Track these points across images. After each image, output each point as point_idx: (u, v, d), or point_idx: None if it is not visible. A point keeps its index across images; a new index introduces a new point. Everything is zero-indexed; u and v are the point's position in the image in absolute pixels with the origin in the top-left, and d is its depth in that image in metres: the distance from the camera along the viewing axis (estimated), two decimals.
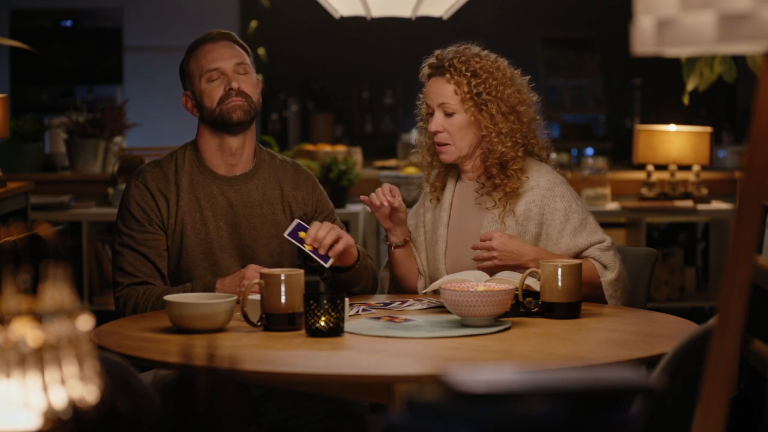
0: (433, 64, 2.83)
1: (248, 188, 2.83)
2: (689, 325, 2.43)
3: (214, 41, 2.84)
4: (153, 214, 2.78)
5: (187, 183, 2.81)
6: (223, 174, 2.83)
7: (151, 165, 2.84)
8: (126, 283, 2.73)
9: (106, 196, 5.22)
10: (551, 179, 2.79)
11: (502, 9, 8.56)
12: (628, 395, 1.09)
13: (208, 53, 2.82)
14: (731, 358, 1.30)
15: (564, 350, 2.22)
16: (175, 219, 2.78)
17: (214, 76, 2.79)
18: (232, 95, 2.78)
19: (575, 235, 2.75)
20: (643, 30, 1.27)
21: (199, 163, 2.83)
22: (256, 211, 2.81)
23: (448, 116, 2.78)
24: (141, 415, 1.15)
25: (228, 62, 2.80)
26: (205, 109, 2.80)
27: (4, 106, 4.32)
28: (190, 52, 2.86)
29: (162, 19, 7.81)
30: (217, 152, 2.83)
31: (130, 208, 2.79)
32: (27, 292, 1.11)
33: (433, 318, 2.48)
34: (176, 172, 2.82)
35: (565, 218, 2.75)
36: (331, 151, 5.42)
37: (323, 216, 2.88)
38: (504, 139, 2.76)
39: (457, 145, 2.79)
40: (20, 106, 7.39)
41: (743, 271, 1.29)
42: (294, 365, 2.10)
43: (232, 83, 2.78)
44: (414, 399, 1.08)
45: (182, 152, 2.85)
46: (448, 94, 2.78)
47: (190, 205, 2.79)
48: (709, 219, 5.45)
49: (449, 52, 2.82)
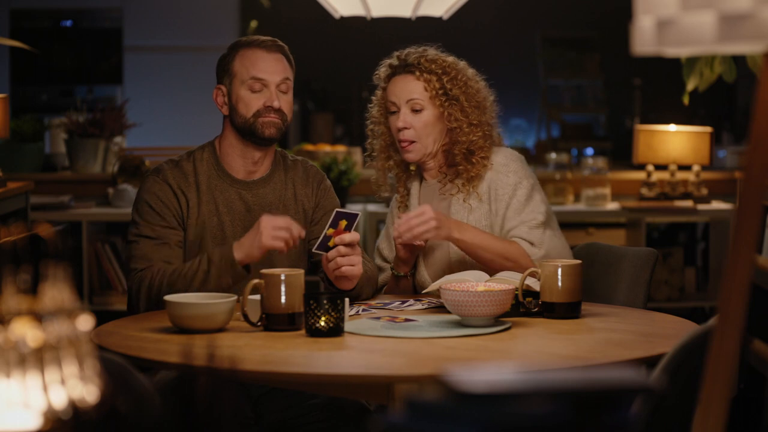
0: (396, 64, 2.88)
1: (265, 192, 2.82)
2: (689, 325, 2.43)
3: (267, 50, 2.79)
4: (174, 209, 2.75)
5: (205, 185, 2.78)
6: (241, 178, 2.81)
7: (170, 164, 2.81)
8: (140, 267, 2.69)
9: (106, 196, 5.22)
10: (508, 156, 2.88)
11: (502, 9, 8.56)
12: (628, 395, 1.09)
13: (258, 61, 2.77)
14: (731, 358, 1.30)
15: (564, 350, 2.22)
16: (195, 219, 2.75)
17: (257, 87, 2.75)
18: (270, 111, 2.75)
19: (516, 215, 2.80)
20: (643, 30, 1.27)
21: (217, 166, 2.81)
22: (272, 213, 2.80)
23: (415, 113, 2.82)
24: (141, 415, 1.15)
25: (275, 77, 2.77)
26: (237, 114, 2.77)
27: (4, 106, 4.32)
28: (237, 49, 2.81)
29: (162, 19, 7.81)
30: (239, 158, 2.81)
31: (150, 202, 2.75)
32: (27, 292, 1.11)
33: (433, 318, 2.48)
34: (195, 174, 2.79)
35: (513, 193, 2.82)
36: (331, 151, 5.42)
37: (323, 212, 2.86)
38: (475, 129, 2.82)
39: (423, 142, 2.83)
40: (20, 106, 7.38)
41: (743, 271, 1.29)
42: (294, 365, 2.10)
43: (274, 101, 2.75)
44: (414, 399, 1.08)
45: (200, 154, 2.83)
46: (418, 91, 2.82)
47: (208, 208, 2.76)
48: (709, 219, 5.45)
49: (411, 52, 2.87)
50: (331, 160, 5.18)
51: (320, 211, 2.87)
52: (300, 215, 2.84)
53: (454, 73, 2.83)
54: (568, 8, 8.87)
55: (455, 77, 2.83)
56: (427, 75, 2.82)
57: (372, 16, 4.27)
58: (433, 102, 2.82)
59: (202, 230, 2.75)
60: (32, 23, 7.93)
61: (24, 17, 7.85)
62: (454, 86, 2.82)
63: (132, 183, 5.17)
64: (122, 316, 2.63)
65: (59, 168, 5.46)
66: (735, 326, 1.30)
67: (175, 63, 7.77)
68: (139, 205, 2.78)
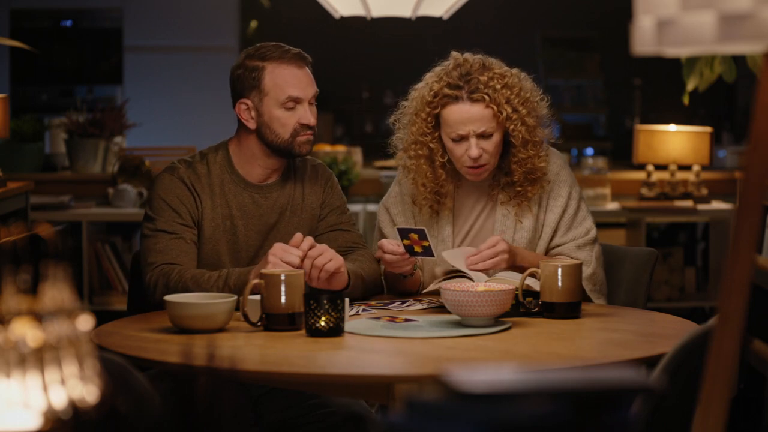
0: (459, 86, 2.70)
1: (277, 195, 2.80)
2: (689, 325, 2.43)
3: (298, 66, 2.74)
4: (190, 207, 2.73)
5: (218, 188, 2.76)
6: (254, 182, 2.80)
7: (184, 163, 2.79)
8: (159, 261, 2.66)
9: (106, 196, 5.22)
10: (558, 162, 2.84)
11: (502, 9, 8.56)
12: (628, 395, 1.09)
13: (294, 79, 2.73)
14: (731, 358, 1.30)
15: (564, 350, 2.22)
16: (210, 220, 2.74)
17: (291, 105, 2.72)
18: (306, 129, 2.73)
19: (566, 231, 2.80)
20: (643, 30, 1.27)
21: (230, 169, 2.79)
22: (286, 218, 2.79)
23: (484, 138, 2.71)
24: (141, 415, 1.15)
25: (307, 93, 2.73)
26: (272, 133, 2.73)
27: (4, 106, 4.32)
28: (266, 60, 2.73)
29: (162, 19, 7.81)
30: (259, 167, 2.79)
31: (166, 199, 2.72)
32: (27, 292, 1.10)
33: (433, 318, 2.47)
34: (208, 175, 2.77)
35: (565, 206, 2.80)
36: (331, 151, 5.42)
37: (329, 210, 2.86)
38: (537, 148, 2.75)
39: (493, 162, 2.76)
40: (20, 106, 7.38)
41: (743, 271, 1.29)
42: (294, 365, 2.10)
43: (311, 120, 2.73)
44: (414, 399, 1.08)
45: (213, 156, 2.80)
46: (487, 119, 2.70)
47: (222, 210, 2.75)
48: (709, 219, 5.45)
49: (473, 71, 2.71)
50: (331, 160, 5.18)
51: (327, 208, 2.86)
52: (307, 214, 2.83)
53: (517, 90, 2.71)
54: (568, 8, 8.87)
55: (519, 94, 2.71)
56: (497, 99, 2.68)
57: (372, 16, 4.28)
58: (501, 125, 2.71)
59: (215, 232, 2.74)
60: (32, 23, 7.93)
61: (24, 17, 7.85)
62: (519, 104, 2.70)
63: (132, 183, 5.17)
64: (122, 316, 2.63)
65: (59, 168, 5.46)
66: (735, 326, 1.30)
67: (175, 63, 7.77)
68: (155, 201, 2.74)
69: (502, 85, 2.69)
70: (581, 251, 2.78)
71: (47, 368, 1.08)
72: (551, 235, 2.80)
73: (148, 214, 2.75)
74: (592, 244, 2.80)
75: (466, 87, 2.70)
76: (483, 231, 2.82)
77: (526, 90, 2.74)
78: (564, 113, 8.77)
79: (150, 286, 2.65)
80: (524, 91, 2.73)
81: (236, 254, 2.74)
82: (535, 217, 2.80)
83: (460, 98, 2.70)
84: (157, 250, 2.68)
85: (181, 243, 2.69)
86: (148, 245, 2.70)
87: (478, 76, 2.70)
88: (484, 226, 2.82)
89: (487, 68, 2.73)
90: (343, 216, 2.87)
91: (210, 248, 2.73)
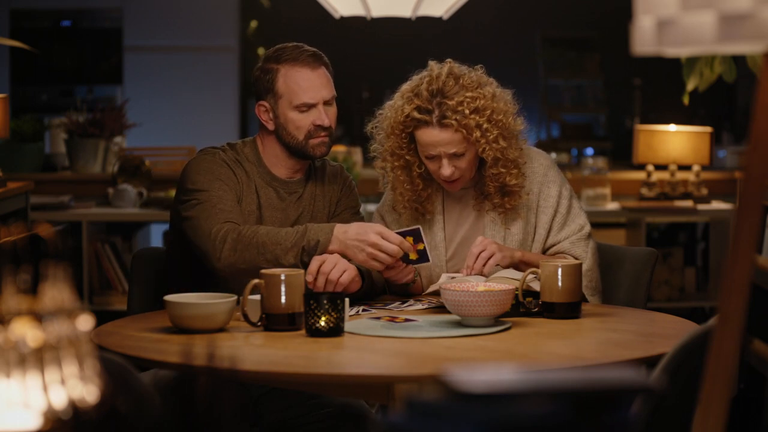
0: (428, 109, 2.70)
1: (301, 192, 2.82)
2: (689, 325, 2.43)
3: (312, 68, 2.73)
4: (234, 186, 2.71)
5: (251, 177, 2.77)
6: (283, 178, 2.80)
7: (219, 149, 2.77)
8: (223, 218, 2.62)
9: (106, 196, 5.22)
10: (543, 162, 2.85)
11: (502, 9, 8.56)
12: (628, 395, 1.09)
13: (306, 82, 2.72)
14: (731, 358, 1.30)
15: (564, 350, 2.22)
16: (246, 204, 2.73)
17: (305, 108, 2.72)
18: (320, 131, 2.73)
19: (560, 230, 2.81)
20: (643, 30, 1.27)
21: (258, 163, 2.79)
22: (305, 217, 2.80)
23: (456, 157, 2.72)
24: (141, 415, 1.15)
25: (322, 95, 2.73)
26: (287, 134, 2.73)
27: (4, 106, 4.32)
28: (280, 63, 2.73)
29: (162, 19, 7.81)
30: (283, 167, 2.80)
31: (215, 173, 2.69)
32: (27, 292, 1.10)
33: (433, 318, 2.48)
34: (240, 164, 2.77)
35: (556, 206, 2.81)
36: (332, 151, 5.42)
37: (342, 209, 2.88)
38: (510, 165, 2.74)
39: (467, 175, 2.77)
40: (20, 106, 7.38)
41: (743, 271, 1.29)
42: (294, 365, 2.10)
43: (324, 120, 2.72)
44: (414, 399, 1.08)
45: (241, 148, 2.80)
46: (457, 141, 2.70)
47: (253, 199, 2.75)
48: (709, 219, 5.45)
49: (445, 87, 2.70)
50: (331, 160, 5.18)
51: (341, 206, 2.89)
52: (325, 211, 2.85)
53: (489, 113, 2.70)
54: (568, 8, 8.87)
55: (490, 117, 2.70)
56: (467, 124, 2.68)
57: (372, 16, 4.27)
58: (472, 145, 2.71)
59: (249, 219, 2.72)
60: (32, 23, 7.93)
61: (24, 17, 7.85)
62: (490, 126, 2.70)
63: (132, 183, 5.17)
64: (122, 316, 2.63)
65: (59, 168, 5.45)
66: (735, 326, 1.30)
67: (175, 63, 7.77)
68: (199, 176, 2.69)
69: (471, 110, 2.68)
70: (576, 247, 2.79)
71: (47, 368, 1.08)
72: (545, 235, 2.81)
73: (191, 188, 2.69)
74: (587, 239, 2.81)
75: (436, 111, 2.69)
76: (474, 237, 2.82)
77: (498, 112, 2.72)
78: (564, 113, 8.77)
79: (217, 238, 2.59)
80: (496, 113, 2.71)
81: None
82: (525, 220, 2.81)
83: (429, 122, 2.70)
84: (218, 209, 2.64)
85: (238, 208, 2.68)
86: (203, 210, 2.64)
87: (448, 101, 2.68)
88: (474, 234, 2.82)
89: (460, 87, 2.70)
90: (356, 217, 2.89)
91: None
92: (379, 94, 9.11)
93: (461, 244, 2.83)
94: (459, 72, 2.75)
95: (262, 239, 2.57)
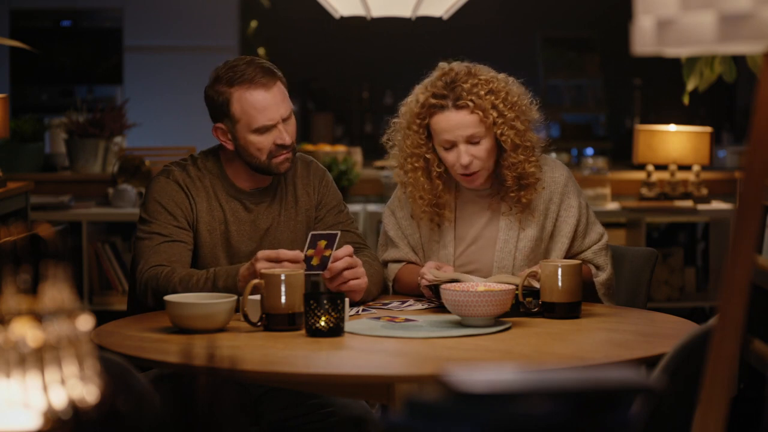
0: (444, 95, 2.71)
1: (269, 200, 2.79)
2: (689, 325, 2.43)
3: (266, 88, 2.67)
4: (185, 211, 2.71)
5: (212, 192, 2.75)
6: (246, 189, 2.78)
7: (178, 166, 2.76)
8: (152, 263, 2.64)
9: (106, 196, 5.22)
10: (564, 174, 2.83)
11: (502, 9, 8.56)
12: (628, 395, 1.09)
13: (262, 103, 2.66)
14: (731, 358, 1.30)
15: (564, 350, 2.22)
16: (206, 224, 2.72)
17: (264, 130, 2.67)
18: (282, 149, 2.69)
19: (583, 239, 2.80)
20: (643, 30, 1.27)
21: (222, 176, 2.77)
22: (280, 222, 2.78)
23: (473, 144, 2.71)
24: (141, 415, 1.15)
25: (280, 113, 2.67)
26: (250, 155, 2.69)
27: (4, 106, 4.32)
28: (233, 86, 2.67)
29: (162, 19, 7.81)
30: (246, 181, 2.78)
31: (162, 202, 2.70)
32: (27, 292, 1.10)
33: (433, 318, 2.47)
34: (202, 179, 2.75)
35: (578, 217, 2.80)
36: (331, 151, 5.42)
37: (326, 211, 2.85)
38: (528, 153, 2.74)
39: (486, 166, 2.75)
40: (20, 106, 7.38)
41: (743, 271, 1.29)
42: (294, 365, 2.10)
43: (286, 139, 2.68)
44: (414, 399, 1.08)
45: (203, 162, 2.78)
46: (474, 125, 2.69)
47: (217, 215, 2.73)
48: (709, 219, 5.45)
49: (458, 79, 2.71)
50: (331, 160, 5.18)
51: (323, 209, 2.85)
52: (302, 216, 2.82)
53: (504, 95, 2.71)
54: (568, 8, 8.87)
55: (505, 99, 2.71)
56: (482, 105, 2.68)
57: (372, 16, 4.27)
58: (489, 130, 2.71)
59: (212, 236, 2.72)
60: (32, 23, 7.93)
61: (24, 17, 7.85)
62: (506, 109, 2.70)
63: (132, 183, 5.17)
64: (122, 316, 2.63)
65: (59, 168, 5.45)
66: (735, 326, 1.30)
67: (175, 63, 7.76)
68: (150, 204, 2.72)
69: (486, 91, 2.69)
70: (598, 256, 2.79)
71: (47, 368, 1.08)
72: (568, 244, 2.79)
73: (143, 217, 2.73)
74: (607, 248, 2.81)
75: (451, 95, 2.70)
76: (486, 240, 2.80)
77: (513, 94, 2.73)
78: (564, 113, 8.77)
79: (140, 289, 2.65)
80: (511, 96, 2.72)
81: (233, 259, 2.73)
82: (540, 226, 2.78)
83: (445, 107, 2.70)
84: (150, 252, 2.66)
85: (175, 246, 2.68)
86: (141, 248, 2.69)
87: (462, 84, 2.70)
88: (487, 235, 2.81)
89: (472, 75, 2.72)
90: (340, 215, 2.86)
91: (208, 252, 2.72)
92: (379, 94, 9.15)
93: (471, 244, 2.82)
94: (470, 64, 2.78)
95: (175, 287, 2.56)
